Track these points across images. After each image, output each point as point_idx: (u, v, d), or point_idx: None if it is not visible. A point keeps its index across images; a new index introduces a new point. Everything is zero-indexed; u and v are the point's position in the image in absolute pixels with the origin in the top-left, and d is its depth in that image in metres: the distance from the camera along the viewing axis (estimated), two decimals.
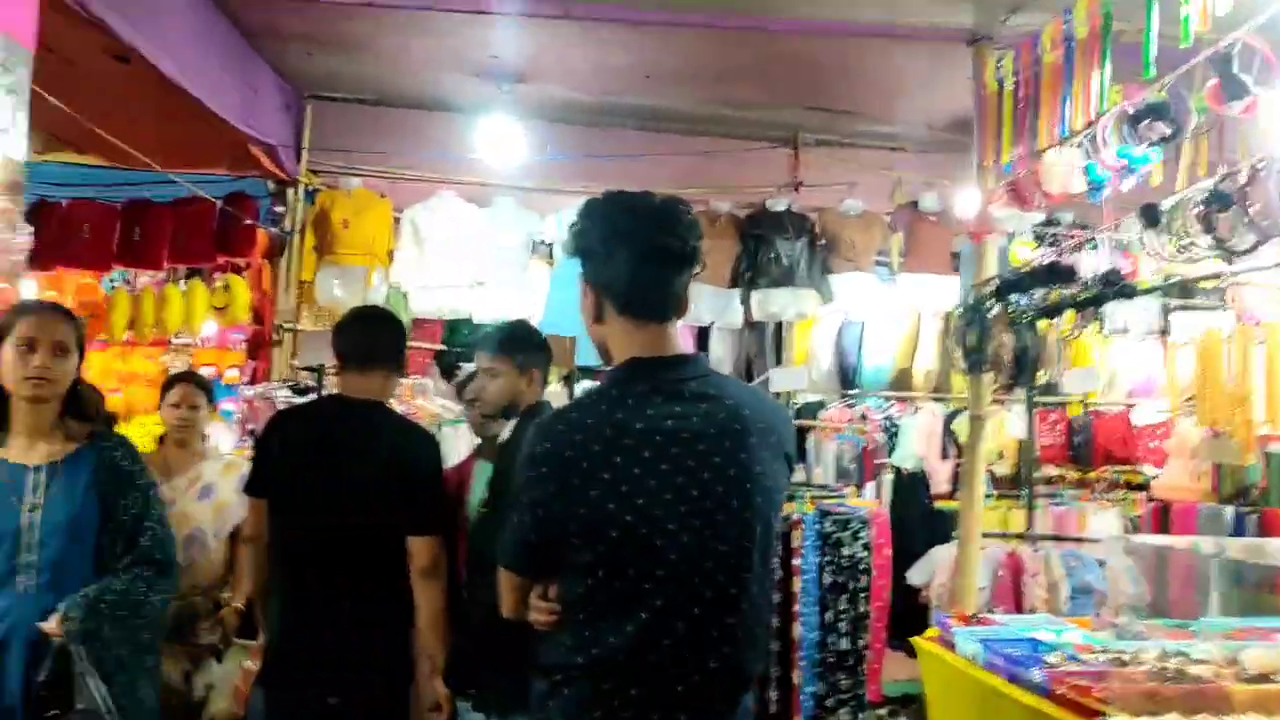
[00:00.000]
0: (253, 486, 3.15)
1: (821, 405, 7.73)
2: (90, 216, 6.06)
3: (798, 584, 4.93)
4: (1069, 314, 3.66)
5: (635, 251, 1.88)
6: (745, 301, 6.68)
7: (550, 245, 6.55)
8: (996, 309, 3.53)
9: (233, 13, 4.99)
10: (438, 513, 3.05)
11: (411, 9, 4.21)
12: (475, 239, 6.34)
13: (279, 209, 6.25)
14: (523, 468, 1.86)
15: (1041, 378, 3.44)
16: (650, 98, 6.11)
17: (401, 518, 2.96)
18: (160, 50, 4.22)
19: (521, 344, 3.08)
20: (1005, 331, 3.41)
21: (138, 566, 2.61)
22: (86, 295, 6.22)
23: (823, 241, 6.74)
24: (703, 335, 7.97)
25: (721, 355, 7.91)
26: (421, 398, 5.58)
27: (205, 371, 7.45)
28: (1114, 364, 7.58)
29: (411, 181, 6.42)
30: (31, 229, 3.24)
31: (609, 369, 1.94)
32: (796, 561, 5.36)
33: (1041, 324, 3.54)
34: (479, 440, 3.38)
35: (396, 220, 6.38)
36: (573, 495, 1.78)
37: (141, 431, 5.55)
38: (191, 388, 3.82)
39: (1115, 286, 2.89)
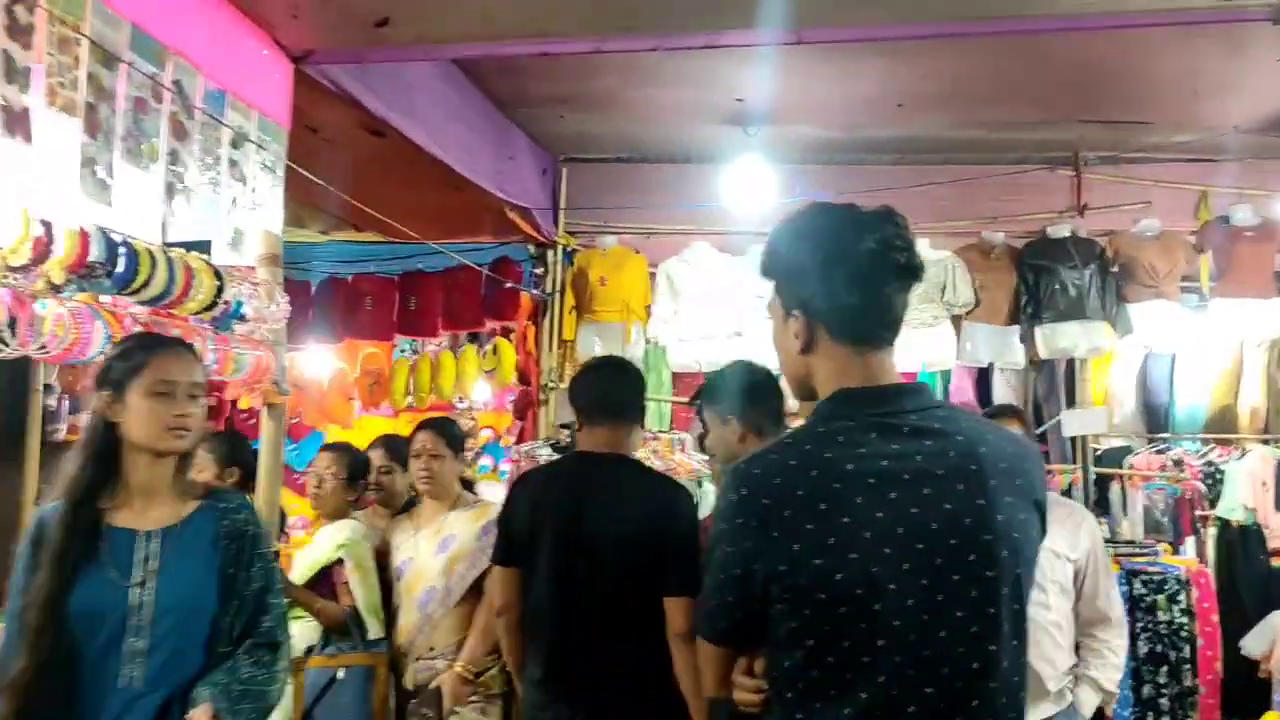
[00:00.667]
0: (500, 555, 3.06)
1: (1128, 451, 6.91)
2: (372, 289, 6.44)
3: None
4: None
5: (856, 267, 1.60)
6: (1028, 339, 6.11)
7: None
8: None
9: (485, 82, 5.14)
10: (695, 572, 2.85)
11: (639, 51, 4.12)
12: (730, 289, 6.18)
13: (539, 271, 6.37)
14: (718, 519, 1.62)
15: None
16: (905, 128, 5.75)
17: (658, 578, 2.80)
18: (413, 122, 4.38)
19: (746, 389, 2.85)
20: None
21: (259, 650, 2.22)
22: (373, 364, 6.58)
23: (1116, 268, 6.08)
24: (983, 377, 7.38)
25: (1006, 399, 7.28)
26: (680, 452, 5.44)
27: (484, 434, 7.76)
28: None
29: (665, 235, 6.38)
30: (287, 299, 3.37)
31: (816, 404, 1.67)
32: None
33: None
34: None
35: (652, 275, 6.35)
36: (773, 550, 1.51)
37: None
38: (431, 435, 3.67)
39: None
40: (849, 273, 1.61)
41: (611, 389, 3.11)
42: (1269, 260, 5.91)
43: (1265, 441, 6.36)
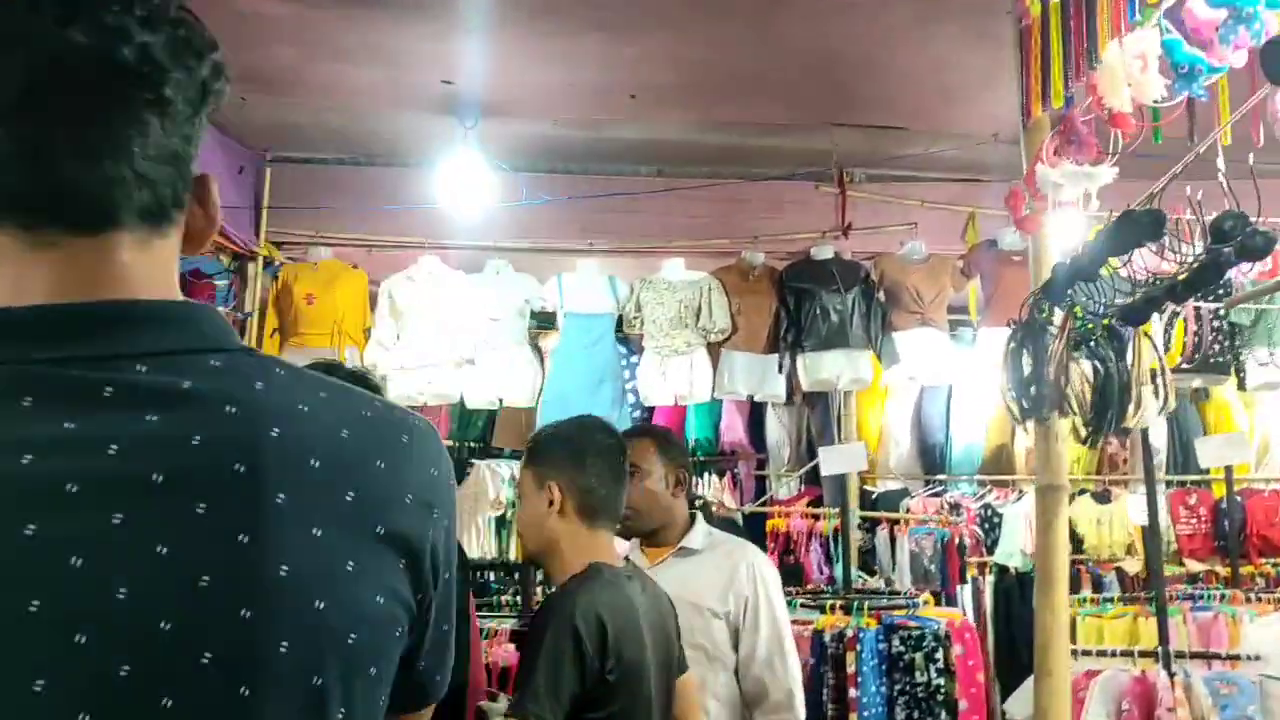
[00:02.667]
0: None
1: (905, 494, 6.44)
2: None
3: None
4: (1169, 311, 2.45)
5: None
6: (789, 369, 5.54)
7: (553, 314, 5.57)
8: (1058, 317, 2.35)
9: None
10: None
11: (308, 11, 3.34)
12: (462, 310, 5.41)
13: (236, 287, 5.45)
14: None
15: (1135, 418, 2.20)
16: (647, 128, 5.13)
17: None
18: None
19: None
20: (1072, 351, 2.22)
21: None
22: None
23: (881, 294, 5.60)
24: (757, 415, 6.82)
25: (780, 438, 6.73)
26: None
27: None
28: (1268, 426, 6.11)
29: (389, 248, 5.57)
30: None
31: None
32: (854, 693, 4.22)
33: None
34: None
35: (374, 295, 5.51)
36: None
37: None
38: None
39: (1239, 242, 1.70)
40: None
41: None
42: None
43: None
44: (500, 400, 5.49)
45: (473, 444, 6.62)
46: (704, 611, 2.48)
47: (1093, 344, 2.23)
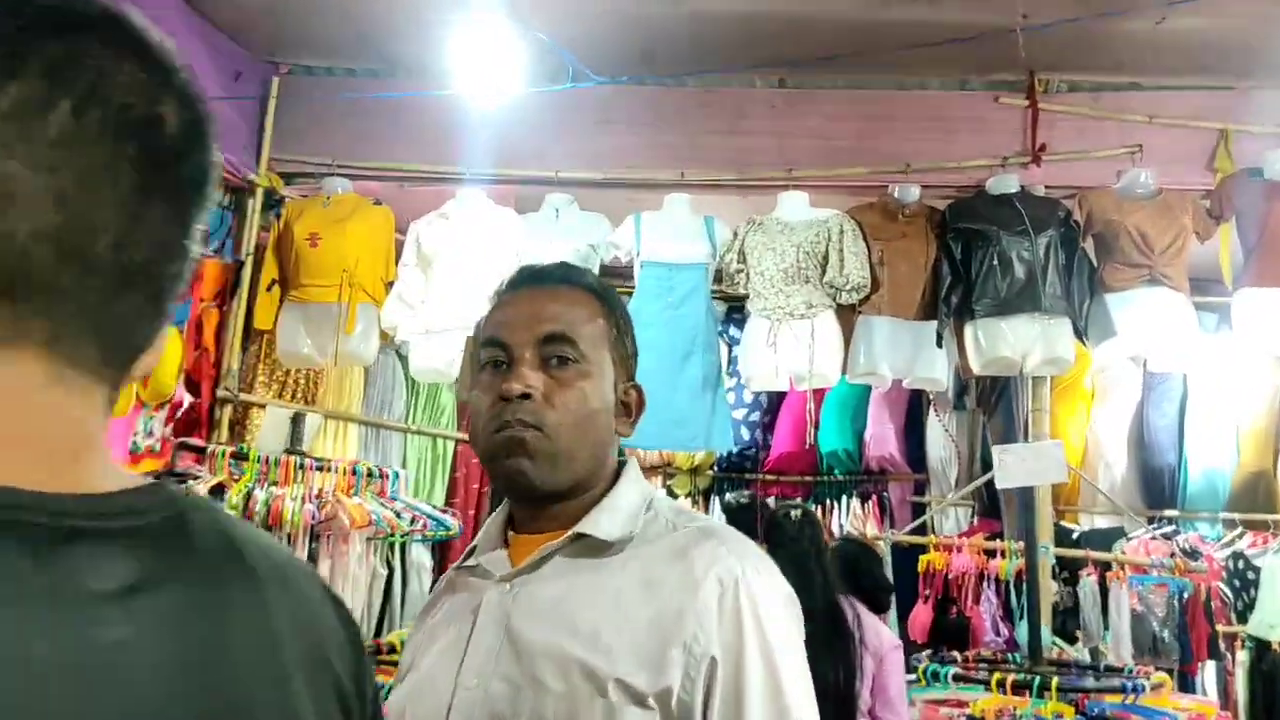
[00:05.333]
0: None
1: (1121, 534, 4.70)
2: None
3: None
4: None
5: None
6: (952, 343, 3.97)
7: (627, 266, 4.18)
8: None
9: None
10: None
11: None
12: (507, 257, 4.09)
13: (235, 228, 4.31)
14: None
15: None
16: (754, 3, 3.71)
17: None
18: None
19: None
20: None
21: None
22: None
23: (1089, 240, 3.98)
24: (914, 419, 5.23)
25: (946, 453, 5.11)
26: None
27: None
28: None
29: (428, 181, 4.32)
30: None
31: None
32: None
33: None
34: None
35: (401, 244, 4.28)
36: None
37: None
38: None
39: None
40: None
41: None
42: None
43: None
44: None
45: None
46: (601, 684, 1.02)
47: None
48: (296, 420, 3.73)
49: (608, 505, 1.18)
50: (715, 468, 5.47)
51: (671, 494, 4.69)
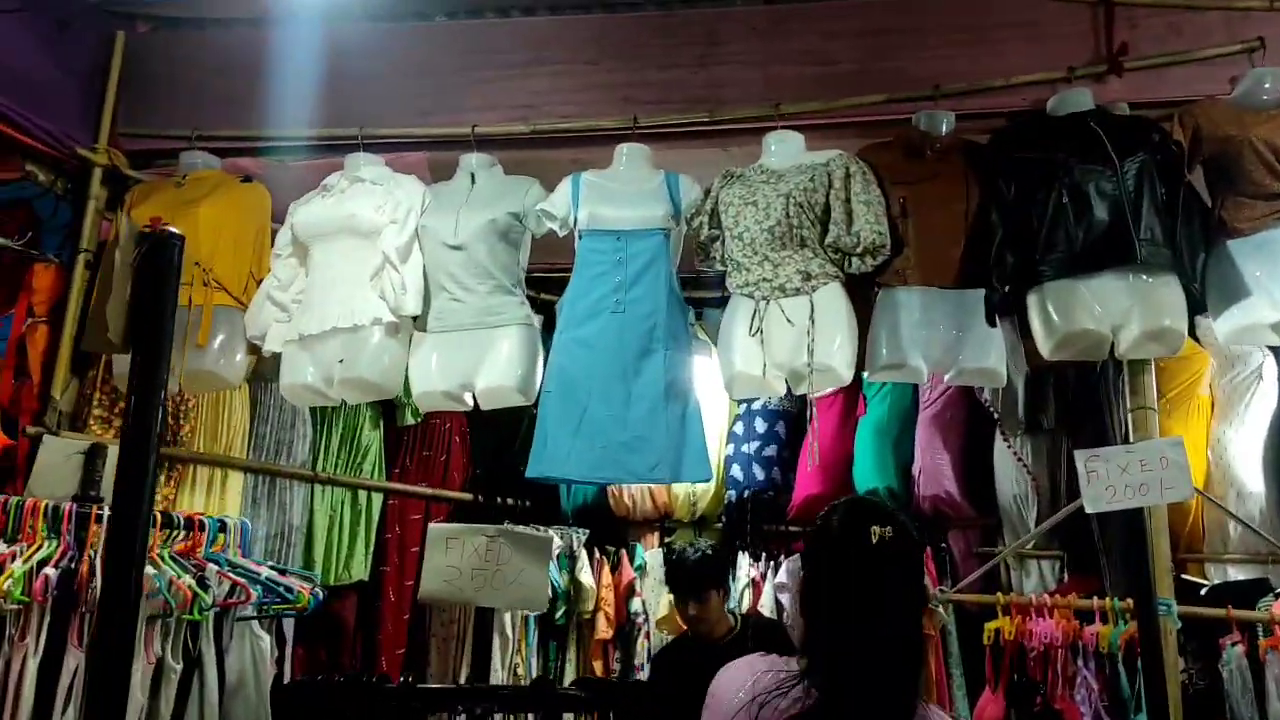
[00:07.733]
0: None
1: (1267, 588, 3.42)
2: None
3: None
4: None
5: None
6: (1011, 317, 2.83)
7: (565, 238, 3.12)
8: None
9: None
10: None
11: None
12: (406, 241, 3.09)
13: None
14: None
15: None
16: None
17: None
18: None
19: None
20: None
21: None
22: None
23: (1197, 168, 2.85)
24: (977, 441, 4.05)
25: (1019, 488, 3.91)
26: None
27: None
28: None
29: (314, 147, 3.37)
30: None
31: None
32: None
33: None
34: None
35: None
36: None
37: None
38: None
39: None
40: None
41: None
42: None
43: None
44: (467, 391, 3.05)
45: None
46: None
47: None
48: (93, 455, 2.74)
49: None
50: (723, 518, 4.32)
51: (671, 554, 3.55)
